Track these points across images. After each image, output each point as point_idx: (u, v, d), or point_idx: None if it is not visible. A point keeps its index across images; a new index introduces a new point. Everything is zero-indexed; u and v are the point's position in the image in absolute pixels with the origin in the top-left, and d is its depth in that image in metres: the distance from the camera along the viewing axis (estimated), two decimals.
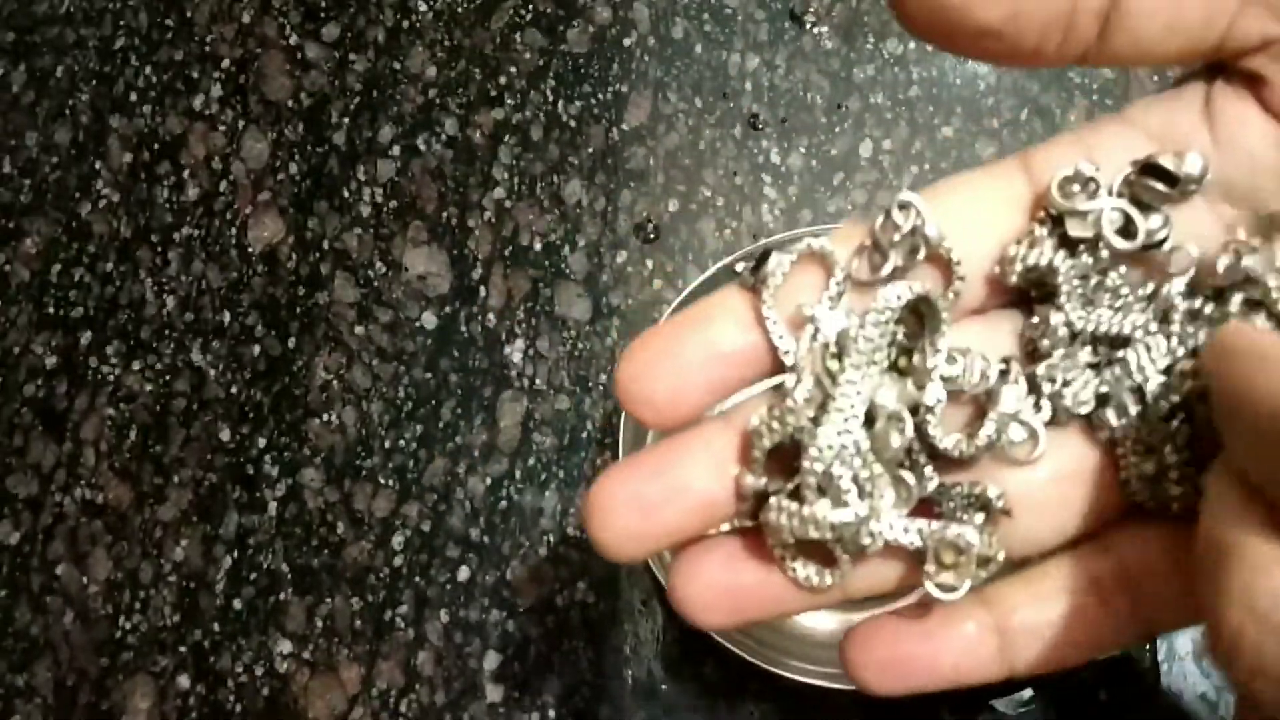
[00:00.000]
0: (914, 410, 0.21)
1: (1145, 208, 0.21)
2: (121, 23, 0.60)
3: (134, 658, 0.51)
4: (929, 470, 0.22)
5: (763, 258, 0.22)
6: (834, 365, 0.21)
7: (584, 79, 0.56)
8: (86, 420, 0.54)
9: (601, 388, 0.52)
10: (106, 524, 0.53)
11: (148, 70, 0.59)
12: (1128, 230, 0.21)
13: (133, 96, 0.59)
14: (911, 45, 0.56)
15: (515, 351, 0.53)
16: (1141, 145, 0.21)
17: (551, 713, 0.49)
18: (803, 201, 0.54)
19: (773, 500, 0.21)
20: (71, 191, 0.57)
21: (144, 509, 0.53)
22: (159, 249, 0.56)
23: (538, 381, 0.52)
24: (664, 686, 0.49)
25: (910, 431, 0.21)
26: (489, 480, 0.51)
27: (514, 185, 0.55)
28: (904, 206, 0.22)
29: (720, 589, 0.22)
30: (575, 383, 0.52)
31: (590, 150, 0.55)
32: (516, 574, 0.50)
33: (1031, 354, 0.22)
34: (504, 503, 0.51)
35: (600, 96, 0.56)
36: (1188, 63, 0.21)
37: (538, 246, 0.54)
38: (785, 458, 0.22)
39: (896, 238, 0.22)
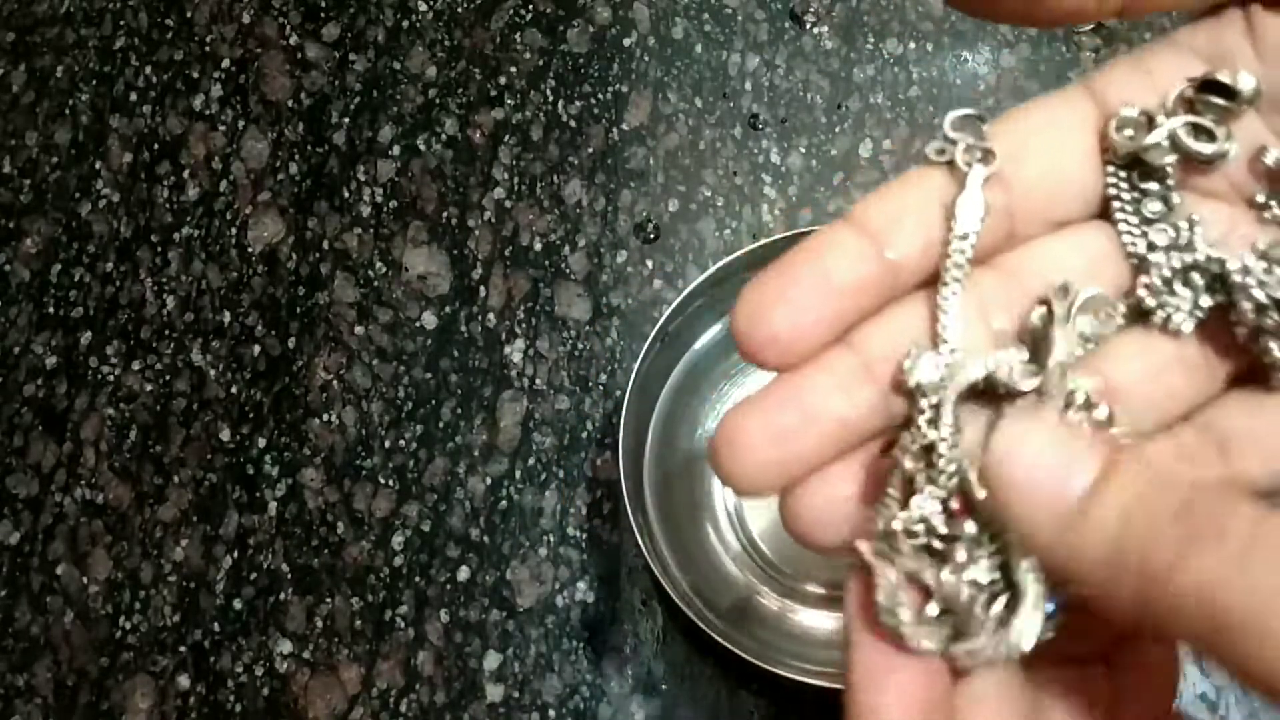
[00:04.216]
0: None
1: (1201, 130, 0.22)
2: (121, 23, 0.60)
3: (134, 658, 0.51)
4: None
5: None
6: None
7: (584, 79, 0.56)
8: (86, 420, 0.54)
9: (601, 388, 0.52)
10: (106, 524, 0.53)
11: (148, 70, 0.59)
12: (1199, 136, 0.22)
13: (133, 96, 0.59)
14: (911, 45, 0.56)
15: (515, 351, 0.53)
16: (1192, 64, 0.23)
17: (551, 713, 0.49)
18: (803, 201, 0.54)
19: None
20: (71, 191, 0.58)
21: (144, 509, 0.53)
22: (159, 249, 0.56)
23: (538, 381, 0.52)
24: (664, 686, 0.49)
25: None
26: (489, 480, 0.51)
27: (514, 185, 0.55)
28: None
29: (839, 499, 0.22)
30: (575, 383, 0.52)
31: (590, 150, 0.55)
32: (516, 574, 0.50)
33: (1140, 265, 0.23)
34: (504, 503, 0.51)
35: (600, 96, 0.56)
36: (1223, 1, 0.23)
37: (538, 246, 0.54)
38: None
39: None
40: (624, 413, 0.46)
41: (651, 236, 0.54)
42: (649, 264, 0.53)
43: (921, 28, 0.56)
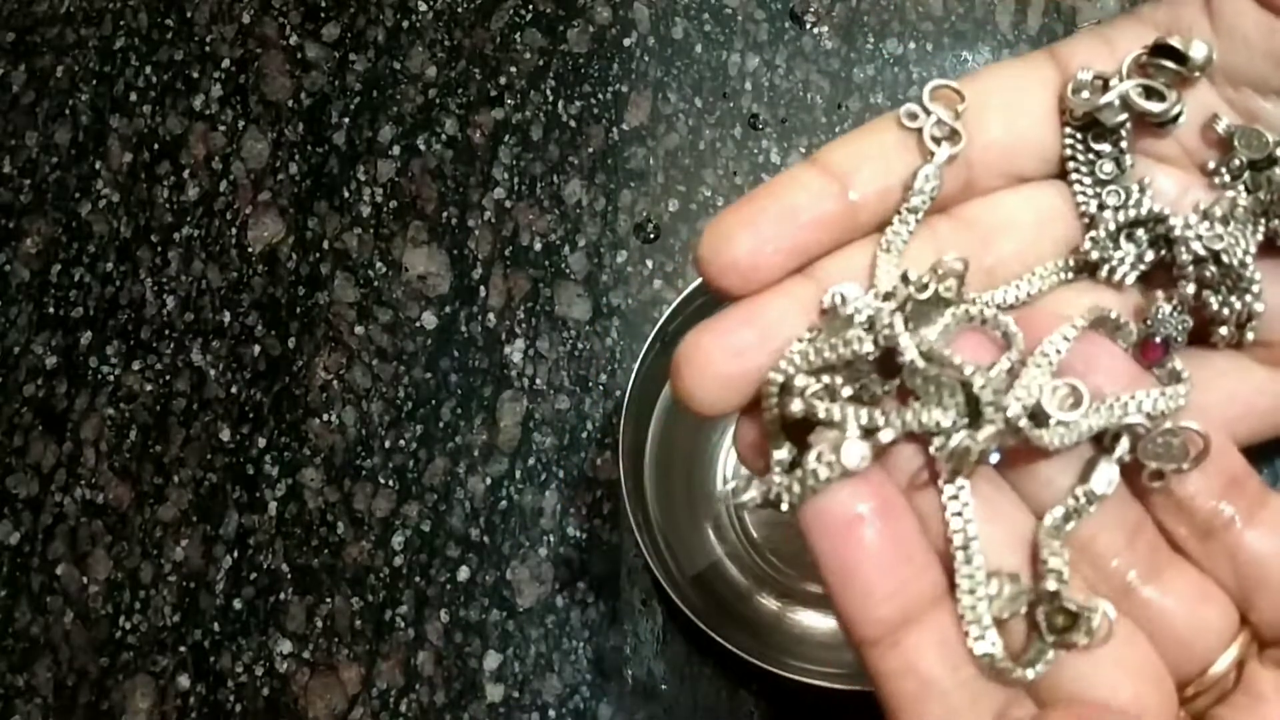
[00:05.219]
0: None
1: (1153, 92, 0.23)
2: (121, 23, 0.60)
3: (134, 658, 0.51)
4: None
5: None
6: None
7: (584, 79, 0.56)
8: (86, 420, 0.54)
9: (601, 388, 0.52)
10: (106, 524, 0.53)
11: (148, 70, 0.59)
12: (1151, 97, 0.23)
13: (133, 96, 0.59)
14: (911, 45, 0.56)
15: (515, 351, 0.53)
16: (1151, 36, 0.24)
17: (551, 713, 0.49)
18: None
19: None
20: (71, 191, 0.58)
21: (144, 509, 0.53)
22: (159, 249, 0.56)
23: (538, 381, 0.52)
24: (664, 686, 0.49)
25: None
26: (489, 480, 0.51)
27: (514, 185, 0.55)
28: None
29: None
30: (575, 383, 0.52)
31: (590, 150, 0.55)
32: (516, 574, 0.50)
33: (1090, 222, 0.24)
34: (504, 503, 0.51)
35: (600, 96, 0.56)
36: None
37: (538, 246, 0.54)
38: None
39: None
40: (624, 413, 0.46)
41: (651, 236, 0.54)
42: (649, 264, 0.53)
43: (921, 28, 0.56)
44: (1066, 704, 0.20)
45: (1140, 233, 0.24)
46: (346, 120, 0.57)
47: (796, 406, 0.21)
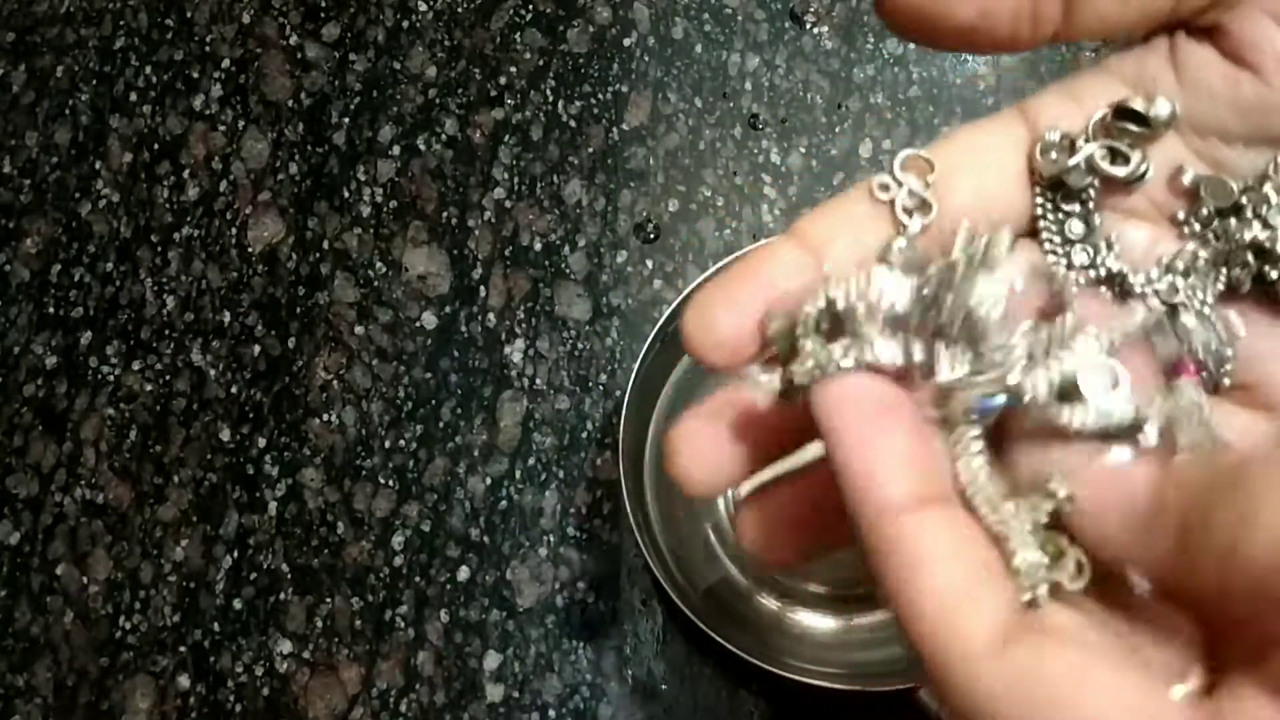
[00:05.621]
0: None
1: (1118, 154, 0.24)
2: (121, 23, 0.60)
3: (134, 658, 0.51)
4: None
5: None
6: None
7: (584, 79, 0.56)
8: (86, 420, 0.54)
9: (601, 388, 0.52)
10: (106, 524, 0.53)
11: (148, 70, 0.59)
12: (1115, 160, 0.24)
13: (133, 96, 0.59)
14: (911, 45, 0.56)
15: (515, 351, 0.53)
16: (1118, 90, 0.24)
17: (551, 713, 0.49)
18: (803, 201, 0.54)
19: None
20: (71, 191, 0.58)
21: (144, 509, 0.53)
22: (159, 249, 0.56)
23: (538, 381, 0.52)
24: (664, 686, 0.49)
25: None
26: (489, 480, 0.51)
27: (514, 185, 0.55)
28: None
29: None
30: (575, 383, 0.52)
31: (590, 150, 0.55)
32: (516, 574, 0.50)
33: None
34: (504, 503, 0.51)
35: (600, 96, 0.56)
36: (1150, 30, 0.24)
37: (538, 246, 0.54)
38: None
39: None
40: (624, 413, 0.46)
41: (651, 236, 0.54)
42: (649, 264, 0.53)
43: None
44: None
45: (1104, 290, 0.24)
46: (346, 120, 0.57)
47: (822, 302, 0.22)
